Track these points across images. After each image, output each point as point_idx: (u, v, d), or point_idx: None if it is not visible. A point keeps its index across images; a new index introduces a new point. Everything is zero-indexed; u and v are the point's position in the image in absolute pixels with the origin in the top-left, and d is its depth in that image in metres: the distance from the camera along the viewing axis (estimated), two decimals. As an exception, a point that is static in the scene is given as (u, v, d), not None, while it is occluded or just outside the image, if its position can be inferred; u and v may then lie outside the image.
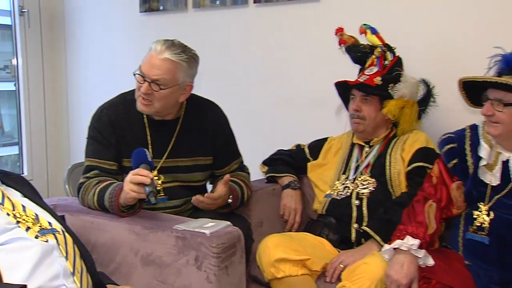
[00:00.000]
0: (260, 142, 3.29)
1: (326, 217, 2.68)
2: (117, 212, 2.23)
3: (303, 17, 3.37)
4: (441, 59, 2.86)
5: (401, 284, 2.12)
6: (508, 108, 2.12)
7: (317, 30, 3.25)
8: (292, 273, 2.41)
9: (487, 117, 2.19)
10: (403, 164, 2.60)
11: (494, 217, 2.20)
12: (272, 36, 3.50)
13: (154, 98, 2.38)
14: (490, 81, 2.14)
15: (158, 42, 2.41)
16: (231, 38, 3.68)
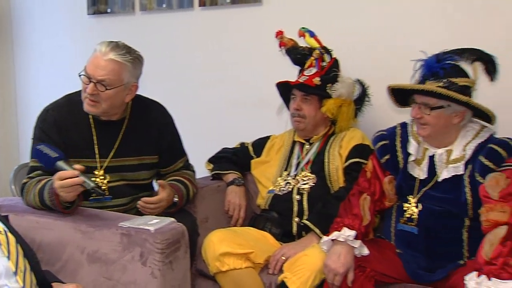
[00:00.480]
0: (206, 140, 3.30)
1: (269, 212, 2.71)
2: (60, 210, 2.21)
3: (247, 20, 3.39)
4: (375, 61, 2.92)
5: (338, 273, 2.17)
6: (434, 111, 2.20)
7: (260, 32, 3.28)
8: (236, 266, 2.44)
9: (416, 120, 2.26)
10: (341, 160, 2.66)
11: (422, 209, 2.28)
12: (217, 39, 3.52)
13: (100, 98, 2.37)
14: (415, 89, 2.22)
15: (102, 43, 2.40)
16: (177, 40, 3.68)
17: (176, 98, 3.42)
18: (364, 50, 2.98)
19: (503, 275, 1.89)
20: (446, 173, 2.26)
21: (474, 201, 2.18)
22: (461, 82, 2.21)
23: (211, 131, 3.54)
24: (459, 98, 2.15)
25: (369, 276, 2.21)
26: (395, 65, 2.76)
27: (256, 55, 3.35)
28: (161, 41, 3.69)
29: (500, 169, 2.14)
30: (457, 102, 2.18)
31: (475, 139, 2.25)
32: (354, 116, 2.76)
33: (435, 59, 2.25)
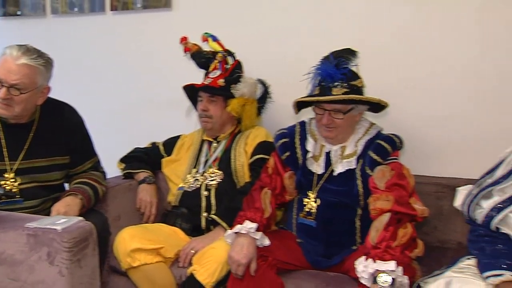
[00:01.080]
0: (119, 141, 3.25)
1: (179, 208, 2.73)
2: None
3: (157, 24, 3.40)
4: (277, 62, 3.00)
5: (241, 264, 2.21)
6: (347, 115, 2.29)
7: (170, 36, 3.25)
8: (147, 261, 2.45)
9: (325, 125, 2.32)
10: (246, 156, 2.72)
11: (320, 203, 2.36)
12: (129, 42, 3.50)
13: (13, 102, 2.31)
14: (332, 100, 2.27)
15: (12, 47, 2.33)
16: (89, 43, 3.62)
17: (89, 100, 3.37)
18: (265, 52, 3.06)
19: (386, 257, 2.01)
20: (341, 168, 2.36)
21: (364, 192, 2.29)
22: (359, 83, 2.32)
23: (123, 132, 3.51)
24: (372, 100, 2.25)
25: (271, 264, 2.27)
26: (293, 65, 2.83)
27: (166, 58, 3.35)
28: (73, 44, 3.62)
29: (386, 162, 2.27)
30: (361, 102, 2.28)
31: (365, 136, 2.36)
32: (257, 114, 2.82)
33: (334, 67, 2.30)
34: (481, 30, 2.66)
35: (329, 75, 2.29)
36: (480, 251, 1.98)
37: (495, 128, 2.66)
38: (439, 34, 2.73)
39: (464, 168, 2.64)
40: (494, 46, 2.64)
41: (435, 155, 2.80)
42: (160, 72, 3.40)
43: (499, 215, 1.96)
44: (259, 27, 3.10)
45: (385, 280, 1.98)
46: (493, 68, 2.65)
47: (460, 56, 2.71)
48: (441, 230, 2.64)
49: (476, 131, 2.71)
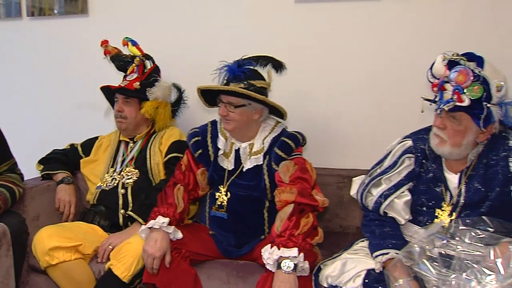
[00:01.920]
0: (38, 143, 3.16)
1: (97, 206, 2.70)
2: None
3: (74, 30, 3.33)
4: (191, 68, 3.02)
5: (155, 257, 2.21)
6: (238, 109, 2.33)
7: (88, 41, 3.22)
8: (66, 258, 2.41)
9: (222, 117, 2.37)
10: (161, 155, 2.72)
11: (230, 197, 2.40)
12: (47, 47, 3.42)
13: None
14: (221, 90, 2.32)
15: None
16: (6, 48, 3.48)
17: (6, 104, 3.26)
18: (182, 58, 3.07)
19: (289, 244, 2.07)
20: (249, 164, 2.41)
21: (271, 186, 2.35)
22: (259, 84, 2.36)
23: (42, 134, 3.41)
24: (257, 97, 2.29)
25: (185, 256, 2.30)
26: (207, 71, 2.85)
27: (84, 62, 3.30)
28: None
29: (290, 157, 2.33)
30: (255, 101, 2.32)
31: (271, 133, 2.41)
32: (171, 116, 2.83)
33: (236, 65, 2.37)
34: (374, 35, 2.78)
35: (230, 71, 2.35)
36: (371, 234, 2.09)
37: (386, 123, 2.80)
38: (333, 41, 2.85)
39: (362, 160, 2.74)
40: (380, 49, 2.78)
41: (336, 149, 2.91)
42: (79, 76, 3.34)
43: (386, 201, 2.08)
44: (176, 34, 3.11)
45: (288, 266, 2.04)
46: (383, 69, 2.79)
47: (353, 61, 2.83)
48: (342, 217, 2.76)
49: (370, 126, 2.84)
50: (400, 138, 2.22)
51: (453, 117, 1.94)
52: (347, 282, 1.98)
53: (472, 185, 2.00)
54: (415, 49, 2.71)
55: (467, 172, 2.03)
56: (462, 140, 1.97)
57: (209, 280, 2.31)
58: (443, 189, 2.06)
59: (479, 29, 2.61)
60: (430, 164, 2.09)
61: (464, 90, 1.89)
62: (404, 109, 2.72)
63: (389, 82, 2.78)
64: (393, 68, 2.77)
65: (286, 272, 2.03)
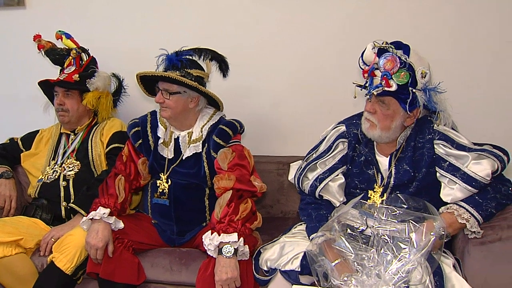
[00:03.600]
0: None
1: (39, 199, 2.62)
2: None
3: (11, 22, 3.20)
4: (131, 57, 2.94)
5: (98, 247, 2.18)
6: (173, 96, 2.30)
7: (25, 34, 3.07)
8: (6, 253, 2.33)
9: (160, 104, 2.34)
10: (103, 146, 2.67)
11: (171, 184, 2.38)
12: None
13: None
14: (157, 75, 2.30)
15: None
16: None
17: None
18: (121, 48, 3.01)
19: (229, 230, 2.07)
20: (189, 152, 2.39)
21: (210, 173, 2.34)
22: (195, 73, 2.34)
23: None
24: (189, 83, 2.27)
25: (127, 245, 2.27)
26: (147, 60, 2.80)
27: (22, 56, 3.17)
28: None
29: (228, 145, 2.33)
30: (190, 88, 2.30)
31: (209, 121, 2.40)
32: (113, 106, 2.77)
33: (175, 54, 2.35)
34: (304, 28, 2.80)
35: (168, 59, 2.33)
36: (308, 217, 2.12)
37: (320, 112, 2.83)
38: (270, 37, 2.86)
39: (300, 147, 2.76)
40: (312, 42, 2.81)
41: (275, 138, 2.93)
42: (17, 70, 3.22)
43: (322, 184, 2.11)
44: (114, 24, 3.03)
45: (228, 251, 2.05)
46: (315, 61, 2.83)
47: (287, 54, 2.85)
48: (283, 203, 2.78)
49: (306, 115, 2.87)
50: (334, 124, 2.25)
51: (382, 101, 1.99)
52: (285, 264, 2.01)
53: (401, 167, 2.06)
54: (344, 41, 2.74)
55: (397, 154, 2.08)
56: (391, 123, 2.02)
57: (153, 268, 2.29)
58: (374, 171, 2.11)
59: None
60: (362, 148, 2.14)
61: (392, 76, 1.94)
62: (337, 98, 2.75)
63: (322, 73, 2.81)
64: (325, 60, 2.79)
65: (227, 257, 2.03)
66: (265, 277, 2.08)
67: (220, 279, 2.02)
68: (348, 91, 2.19)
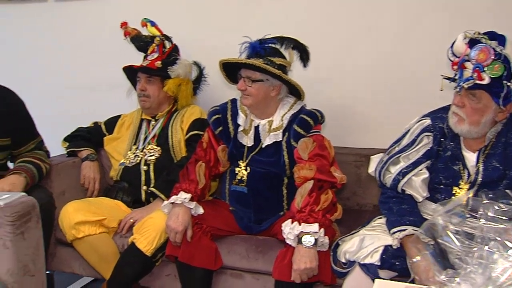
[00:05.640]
0: (63, 122, 3.16)
1: (120, 182, 2.71)
2: None
3: (97, 11, 3.32)
4: (213, 45, 2.98)
5: (177, 231, 2.22)
6: (256, 84, 2.31)
7: (109, 22, 3.20)
8: (91, 232, 2.43)
9: (241, 91, 2.36)
10: (183, 133, 2.72)
11: (250, 171, 2.39)
12: (72, 28, 3.40)
13: None
14: (240, 62, 2.31)
15: None
16: (32, 30, 3.49)
17: (34, 84, 3.28)
18: (203, 37, 3.04)
19: (309, 220, 2.06)
20: (268, 140, 2.39)
21: (290, 162, 2.33)
22: (278, 61, 2.34)
23: (67, 113, 3.42)
24: (273, 71, 2.27)
25: (206, 231, 2.30)
26: (226, 50, 2.83)
27: (107, 43, 3.28)
28: (17, 31, 3.48)
29: (309, 134, 2.32)
30: (272, 76, 2.30)
31: (290, 110, 2.39)
32: (193, 93, 2.82)
33: (258, 42, 2.36)
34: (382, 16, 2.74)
35: (251, 47, 2.33)
36: (388, 211, 2.08)
37: (401, 103, 2.76)
38: (347, 27, 2.81)
39: (378, 139, 2.73)
40: (392, 29, 2.74)
41: (353, 129, 2.89)
42: (101, 56, 3.33)
43: (405, 178, 2.06)
44: (197, 12, 3.08)
45: (309, 241, 2.04)
46: (395, 49, 2.75)
47: (365, 42, 2.80)
48: (360, 195, 2.74)
49: (385, 107, 2.81)
50: (419, 117, 2.19)
51: (472, 95, 1.91)
52: (365, 258, 1.97)
53: (491, 163, 1.98)
54: (428, 28, 2.66)
55: (485, 150, 2.00)
56: (481, 118, 1.93)
57: (229, 255, 2.32)
58: (461, 167, 2.03)
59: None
60: (448, 143, 2.06)
61: (485, 68, 1.86)
62: (420, 89, 2.68)
63: (403, 62, 2.73)
64: (407, 48, 2.72)
65: (307, 247, 2.02)
66: (343, 269, 2.06)
67: (299, 268, 2.02)
68: (433, 83, 2.12)
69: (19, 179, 2.36)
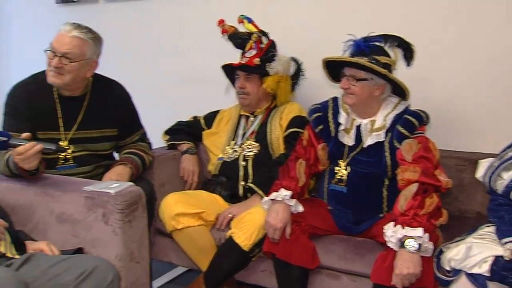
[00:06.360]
0: (164, 115, 3.25)
1: (219, 176, 2.75)
2: (26, 176, 2.17)
3: (197, 7, 3.39)
4: (307, 42, 2.96)
5: (277, 228, 2.22)
6: (360, 83, 2.26)
7: (209, 19, 3.22)
8: (190, 224, 2.48)
9: (344, 90, 2.32)
10: (281, 130, 2.71)
11: (350, 171, 2.35)
12: (172, 25, 3.51)
13: (64, 71, 2.33)
14: (345, 61, 2.27)
15: (66, 24, 2.37)
16: (136, 26, 3.64)
17: (137, 78, 3.40)
18: (299, 32, 3.03)
19: (413, 224, 1.99)
20: (370, 140, 2.34)
21: (392, 164, 2.27)
22: (383, 60, 2.28)
23: (168, 107, 3.53)
24: (379, 70, 2.21)
25: (304, 229, 2.28)
26: (324, 44, 2.80)
27: (207, 39, 3.34)
28: (122, 27, 3.64)
29: (413, 136, 2.24)
30: (378, 75, 2.24)
31: (394, 110, 2.32)
32: (291, 90, 2.80)
33: (362, 40, 2.31)
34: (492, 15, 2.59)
35: (355, 45, 2.29)
36: (499, 219, 1.96)
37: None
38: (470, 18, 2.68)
39: (482, 143, 2.61)
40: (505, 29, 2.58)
41: (454, 132, 2.76)
42: (200, 52, 3.40)
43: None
44: (292, 8, 3.07)
45: (412, 245, 1.97)
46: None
47: (474, 43, 2.66)
48: (462, 201, 2.61)
49: (493, 110, 2.66)
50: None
51: None
52: (472, 267, 1.87)
53: None
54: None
55: None
56: None
57: (327, 254, 2.29)
58: None
59: None
60: None
61: None
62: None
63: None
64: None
65: (410, 252, 1.96)
66: (447, 277, 1.96)
67: (401, 273, 1.95)
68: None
69: (125, 170, 2.45)
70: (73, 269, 1.71)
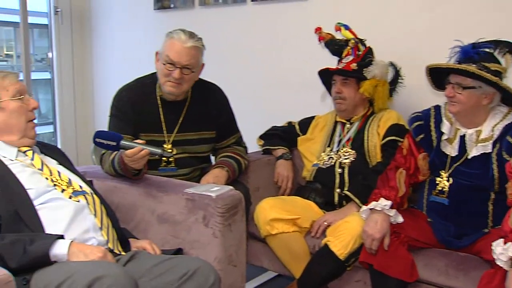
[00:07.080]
0: (259, 119, 3.28)
1: (313, 183, 2.72)
2: (130, 177, 2.26)
3: (293, 13, 3.38)
4: (407, 47, 2.88)
5: (375, 238, 2.16)
6: (466, 91, 2.16)
7: (305, 24, 3.24)
8: (285, 230, 2.47)
9: (448, 98, 2.22)
10: (379, 138, 2.64)
11: (452, 183, 2.25)
12: (267, 30, 3.51)
13: (183, 80, 2.42)
14: (452, 68, 2.17)
15: (178, 32, 2.43)
16: (232, 31, 3.69)
17: (232, 82, 3.42)
18: (398, 37, 2.95)
19: (525, 242, 1.86)
20: (475, 151, 2.22)
21: (500, 177, 2.14)
22: (493, 67, 2.16)
23: (262, 111, 3.54)
24: (490, 78, 2.10)
25: (403, 241, 2.21)
26: (427, 50, 2.70)
27: (303, 45, 3.32)
28: (218, 32, 3.70)
29: (524, 148, 2.10)
30: (487, 83, 2.13)
31: (503, 121, 2.20)
32: (389, 95, 2.72)
33: (471, 46, 2.21)
34: None
35: (463, 51, 2.20)
36: None
37: None
38: None
39: None
40: None
41: None
42: (296, 58, 3.38)
43: None
44: (391, 12, 3.00)
45: (525, 266, 1.84)
46: None
47: None
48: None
49: None
50: None
51: None
52: None
53: None
54: None
55: None
56: None
57: (426, 268, 2.20)
58: None
59: None
60: None
61: None
62: None
63: None
64: None
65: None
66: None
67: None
68: None
69: (222, 172, 2.48)
70: (176, 269, 1.74)
